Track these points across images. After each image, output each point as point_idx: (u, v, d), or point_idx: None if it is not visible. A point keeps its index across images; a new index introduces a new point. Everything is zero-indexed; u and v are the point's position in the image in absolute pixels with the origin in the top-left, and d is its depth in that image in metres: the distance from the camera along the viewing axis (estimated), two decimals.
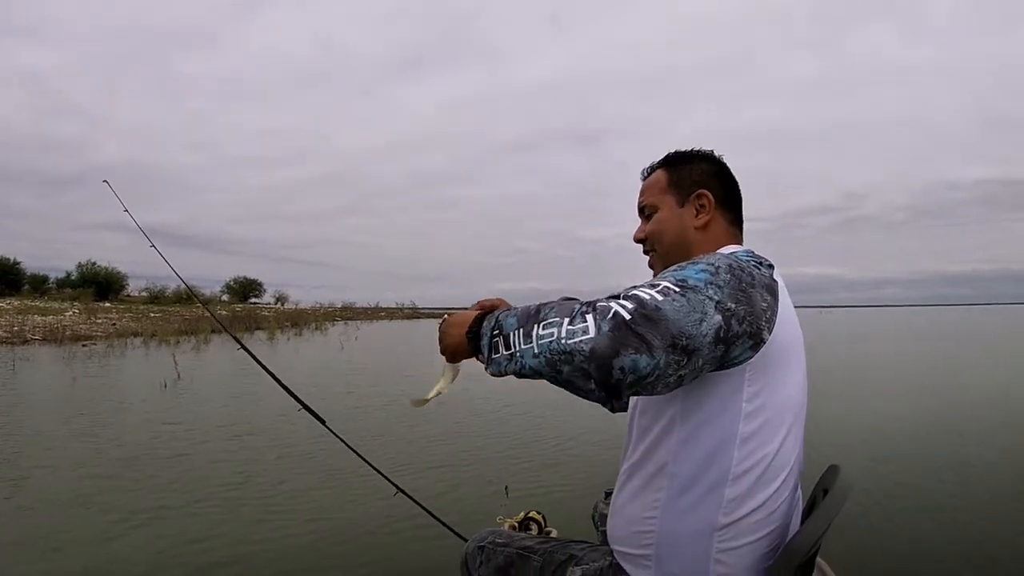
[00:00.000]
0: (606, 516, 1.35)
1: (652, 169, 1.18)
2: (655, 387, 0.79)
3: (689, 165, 1.13)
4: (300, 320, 30.40)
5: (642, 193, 1.18)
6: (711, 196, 1.09)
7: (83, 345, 14.76)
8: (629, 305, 0.78)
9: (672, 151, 1.18)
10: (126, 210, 2.23)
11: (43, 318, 19.10)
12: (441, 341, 1.03)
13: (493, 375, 0.90)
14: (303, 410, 2.13)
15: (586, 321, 0.78)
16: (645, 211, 1.16)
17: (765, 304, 0.88)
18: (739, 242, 1.12)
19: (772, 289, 0.92)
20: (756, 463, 0.93)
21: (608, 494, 1.59)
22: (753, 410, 0.92)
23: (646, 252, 1.18)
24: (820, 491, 1.15)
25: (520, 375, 0.86)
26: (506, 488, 2.84)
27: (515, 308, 0.92)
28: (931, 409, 6.70)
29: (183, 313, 25.85)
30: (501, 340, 0.87)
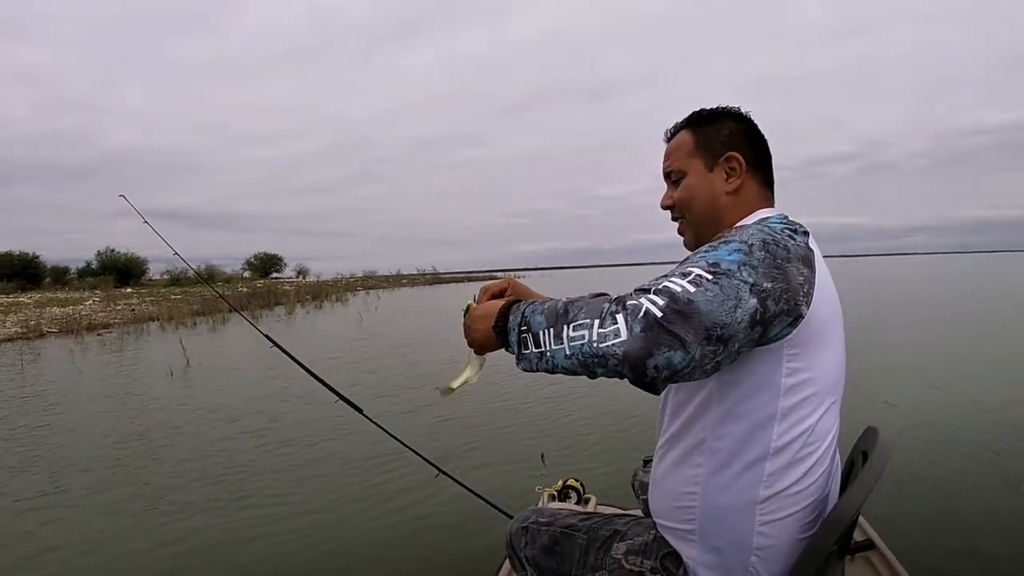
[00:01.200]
0: (646, 484, 1.34)
1: (676, 130, 1.12)
2: (691, 376, 0.79)
3: (716, 125, 1.07)
4: (321, 292, 30.26)
5: (667, 157, 1.12)
6: (741, 158, 1.04)
7: (98, 334, 14.49)
8: (660, 301, 0.77)
9: (697, 109, 1.11)
10: (146, 221, 2.39)
11: (61, 309, 18.99)
12: (468, 335, 1.02)
13: (525, 370, 0.89)
14: (326, 388, 2.17)
15: (616, 323, 0.77)
16: (672, 176, 1.11)
17: (802, 278, 0.86)
18: (771, 204, 1.07)
19: (808, 260, 0.89)
20: (796, 437, 0.92)
21: (646, 461, 1.58)
22: (793, 384, 0.90)
23: (675, 219, 1.13)
24: (858, 453, 1.13)
25: (552, 373, 0.86)
26: (542, 456, 2.83)
27: (541, 302, 0.90)
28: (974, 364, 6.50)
29: (203, 293, 25.98)
30: (530, 337, 0.87)
